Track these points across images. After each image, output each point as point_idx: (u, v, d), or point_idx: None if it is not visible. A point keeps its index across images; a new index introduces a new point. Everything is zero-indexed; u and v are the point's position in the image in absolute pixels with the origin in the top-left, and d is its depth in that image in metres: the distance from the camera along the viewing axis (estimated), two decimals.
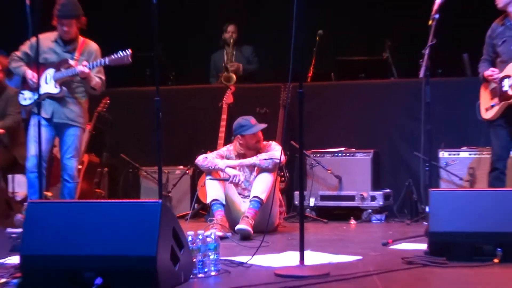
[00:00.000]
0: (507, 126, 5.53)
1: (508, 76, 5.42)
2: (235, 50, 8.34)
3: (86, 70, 5.53)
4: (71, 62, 5.64)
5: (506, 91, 5.41)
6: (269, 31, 8.35)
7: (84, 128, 5.89)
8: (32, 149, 5.57)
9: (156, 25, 4.98)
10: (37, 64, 5.12)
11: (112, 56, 5.51)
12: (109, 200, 3.98)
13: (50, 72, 5.66)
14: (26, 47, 5.79)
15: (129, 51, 5.46)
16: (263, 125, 5.82)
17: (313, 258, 4.27)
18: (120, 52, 5.48)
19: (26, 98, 5.77)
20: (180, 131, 7.46)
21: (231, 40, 8.30)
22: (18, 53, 5.82)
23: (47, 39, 5.76)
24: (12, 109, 6.50)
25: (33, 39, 5.68)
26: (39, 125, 4.89)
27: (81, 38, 5.79)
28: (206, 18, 8.99)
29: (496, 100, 5.50)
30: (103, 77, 5.79)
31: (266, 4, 8.65)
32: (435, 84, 5.40)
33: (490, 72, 5.46)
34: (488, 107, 5.57)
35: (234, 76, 8.03)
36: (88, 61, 5.65)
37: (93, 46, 5.82)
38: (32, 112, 5.73)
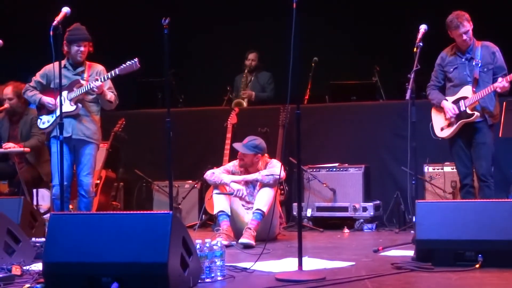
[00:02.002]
0: (464, 145, 5.61)
1: (464, 98, 5.53)
2: (254, 76, 8.30)
3: (100, 83, 5.49)
4: (82, 81, 5.62)
5: (464, 111, 5.51)
6: (270, 59, 8.35)
7: (98, 144, 5.84)
8: (56, 178, 5.54)
9: (168, 54, 5.00)
10: (60, 87, 5.07)
11: (122, 66, 5.45)
12: (125, 212, 3.96)
13: (63, 94, 5.59)
14: (38, 77, 5.79)
15: (135, 59, 5.41)
16: (240, 149, 5.79)
17: (310, 264, 4.25)
18: (128, 62, 5.43)
19: (45, 121, 5.75)
20: (188, 149, 7.45)
21: (249, 67, 8.25)
22: (31, 83, 5.81)
23: (56, 68, 5.76)
24: (36, 130, 6.49)
25: (45, 68, 5.75)
26: (61, 152, 4.88)
27: (87, 62, 5.77)
28: (212, 47, 9.01)
29: (452, 119, 5.58)
30: (115, 91, 5.77)
31: (266, 35, 8.66)
32: (419, 105, 5.39)
33: (453, 110, 5.53)
34: (444, 127, 5.65)
35: (244, 103, 8.02)
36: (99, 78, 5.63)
37: (99, 66, 5.81)
38: (52, 137, 5.70)
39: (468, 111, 5.51)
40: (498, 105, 5.61)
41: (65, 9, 5.07)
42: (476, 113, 5.49)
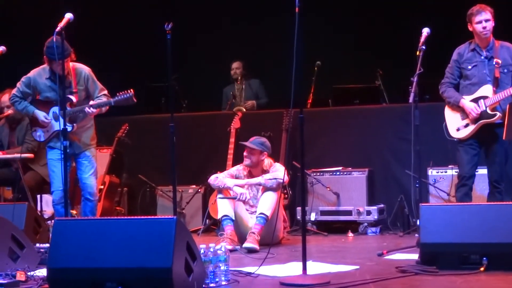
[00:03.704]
0: (478, 146, 5.44)
1: (483, 97, 5.35)
2: (244, 85, 8.33)
3: (94, 110, 5.44)
4: (72, 98, 5.48)
5: (485, 111, 5.33)
6: (273, 63, 8.36)
7: (95, 146, 5.79)
8: (56, 184, 5.52)
9: (171, 59, 5.00)
10: (64, 95, 5.07)
11: (117, 98, 5.39)
12: (129, 217, 3.97)
13: (55, 110, 5.54)
14: (22, 86, 5.65)
15: (131, 92, 5.34)
16: (248, 144, 5.81)
17: (315, 268, 4.25)
18: (123, 94, 5.36)
19: (41, 135, 5.69)
20: (192, 154, 7.45)
21: (236, 76, 8.32)
22: (16, 93, 5.68)
23: (41, 77, 5.61)
24: (28, 137, 6.50)
25: (28, 77, 5.64)
26: (64, 158, 4.88)
27: (69, 66, 5.55)
28: (215, 51, 9.02)
29: (471, 119, 5.41)
30: (105, 89, 5.63)
31: (269, 39, 8.68)
32: (423, 109, 5.38)
33: (475, 110, 5.32)
34: (460, 127, 5.45)
35: (243, 109, 8.06)
36: (87, 87, 5.54)
37: (84, 69, 5.62)
38: (49, 146, 5.65)
39: (489, 111, 5.32)
40: None
41: (68, 15, 5.05)
42: (499, 114, 5.29)
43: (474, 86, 5.43)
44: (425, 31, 5.19)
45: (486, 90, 5.38)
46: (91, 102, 5.49)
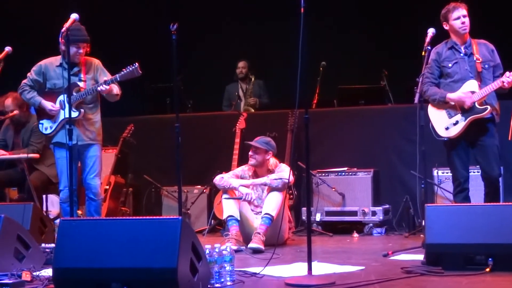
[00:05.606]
0: (467, 144, 5.32)
1: (471, 92, 5.22)
2: (250, 84, 8.35)
3: (107, 87, 5.43)
4: (81, 84, 5.53)
5: (474, 106, 5.21)
6: (278, 63, 8.37)
7: (101, 144, 5.79)
8: (64, 182, 5.54)
9: (176, 59, 5.00)
10: (69, 95, 5.08)
11: (122, 72, 5.36)
12: (134, 217, 3.98)
13: (62, 99, 5.55)
14: (33, 75, 5.66)
15: (136, 64, 5.33)
16: (253, 143, 5.84)
17: (320, 268, 4.25)
18: (128, 67, 5.35)
19: (47, 127, 5.68)
20: (197, 154, 7.46)
21: (242, 76, 8.35)
22: (27, 81, 5.68)
23: (52, 65, 5.66)
24: (34, 140, 6.52)
25: (40, 65, 5.68)
26: (70, 158, 4.90)
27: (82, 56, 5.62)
28: (220, 51, 9.03)
29: (459, 117, 5.27)
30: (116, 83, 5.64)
31: (274, 39, 8.69)
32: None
33: (470, 99, 5.18)
34: (449, 125, 5.30)
35: (252, 109, 8.09)
36: (96, 77, 5.58)
37: (94, 61, 5.69)
38: (56, 143, 5.66)
39: (478, 106, 5.20)
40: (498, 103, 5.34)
41: (74, 16, 5.07)
42: (489, 108, 5.18)
43: (457, 83, 5.30)
44: (431, 31, 5.16)
45: (472, 85, 5.24)
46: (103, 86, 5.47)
